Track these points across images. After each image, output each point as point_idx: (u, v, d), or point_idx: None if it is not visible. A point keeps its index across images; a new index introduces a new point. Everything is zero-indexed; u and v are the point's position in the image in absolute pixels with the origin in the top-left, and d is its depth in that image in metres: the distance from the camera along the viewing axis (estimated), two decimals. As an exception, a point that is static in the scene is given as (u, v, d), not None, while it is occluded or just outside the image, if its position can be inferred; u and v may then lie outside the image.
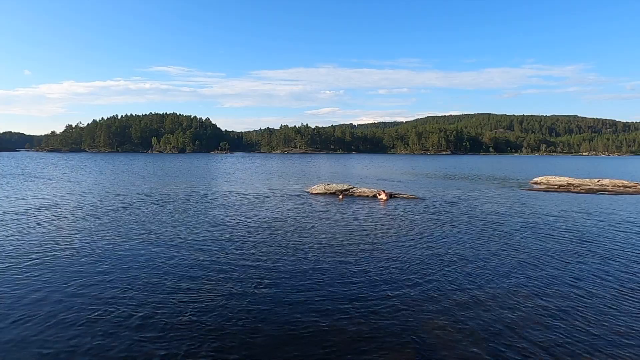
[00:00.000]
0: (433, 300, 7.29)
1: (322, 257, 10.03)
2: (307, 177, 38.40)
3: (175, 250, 10.52)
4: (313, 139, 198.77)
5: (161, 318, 6.44)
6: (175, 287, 7.83)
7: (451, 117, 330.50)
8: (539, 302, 7.28)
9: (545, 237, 12.53)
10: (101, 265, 9.19)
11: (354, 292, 7.65)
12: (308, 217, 15.76)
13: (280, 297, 7.38)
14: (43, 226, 13.41)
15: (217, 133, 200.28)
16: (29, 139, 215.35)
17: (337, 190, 22.73)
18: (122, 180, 33.14)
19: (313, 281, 8.24)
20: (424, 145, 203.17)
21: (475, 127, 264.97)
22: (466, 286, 8.04)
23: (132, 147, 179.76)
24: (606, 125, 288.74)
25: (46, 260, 9.41)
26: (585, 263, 9.67)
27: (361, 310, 6.83)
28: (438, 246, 11.22)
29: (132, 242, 11.41)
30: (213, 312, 6.70)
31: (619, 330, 6.22)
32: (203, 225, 13.96)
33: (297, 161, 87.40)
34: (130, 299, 7.18)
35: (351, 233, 12.82)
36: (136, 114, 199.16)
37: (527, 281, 8.37)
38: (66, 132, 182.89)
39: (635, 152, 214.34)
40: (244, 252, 10.35)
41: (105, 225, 13.79)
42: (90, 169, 48.86)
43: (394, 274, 8.71)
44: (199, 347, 5.59)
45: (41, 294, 7.39)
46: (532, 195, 23.69)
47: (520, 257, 10.19)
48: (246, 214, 16.43)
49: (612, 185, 27.26)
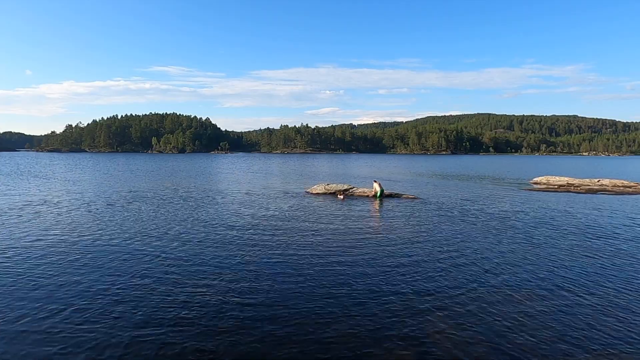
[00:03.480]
0: (434, 300, 7.28)
1: (322, 257, 10.02)
2: (307, 177, 38.38)
3: (174, 250, 10.50)
4: (313, 139, 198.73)
5: (159, 317, 6.43)
6: (174, 286, 7.82)
7: (451, 117, 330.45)
8: (539, 301, 7.28)
9: (545, 237, 12.52)
10: (101, 264, 9.19)
11: (354, 292, 7.64)
12: (307, 217, 15.75)
13: (279, 297, 7.37)
14: (42, 225, 13.40)
15: (217, 133, 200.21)
16: (29, 139, 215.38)
17: (336, 190, 22.72)
18: (123, 180, 33.11)
19: (312, 281, 8.23)
20: (424, 145, 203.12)
21: (475, 127, 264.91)
22: (467, 286, 8.03)
23: (132, 147, 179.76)
24: (606, 125, 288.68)
25: (37, 256, 9.42)
26: (586, 263, 9.66)
27: (361, 311, 6.82)
28: (438, 246, 11.21)
29: (132, 241, 11.39)
30: (211, 311, 6.69)
31: (620, 330, 6.21)
32: (202, 224, 13.95)
33: (297, 161, 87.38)
34: (128, 297, 7.18)
35: (350, 233, 12.81)
36: (136, 114, 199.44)
37: (528, 281, 8.36)
38: (66, 132, 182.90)
39: (635, 152, 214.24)
40: (243, 252, 10.34)
41: (105, 225, 13.77)
42: (90, 169, 48.84)
43: (394, 274, 8.70)
44: (198, 347, 5.58)
45: (34, 289, 7.39)
46: (532, 196, 23.68)
47: (520, 256, 10.19)
48: (245, 213, 16.41)
49: (612, 185, 27.24)
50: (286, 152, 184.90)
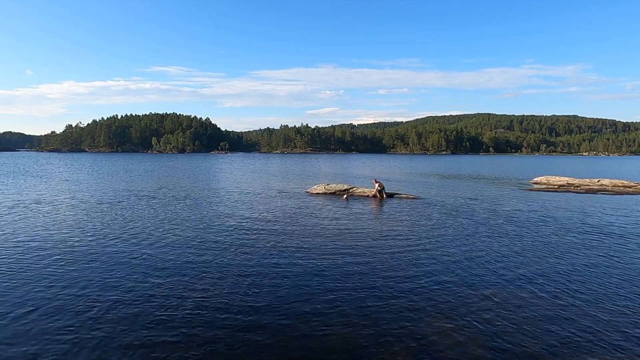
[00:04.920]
0: (434, 301, 7.27)
1: (322, 257, 10.01)
2: (307, 177, 38.38)
3: (172, 249, 10.48)
4: (313, 139, 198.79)
5: (157, 315, 6.42)
6: (172, 285, 7.81)
7: (451, 117, 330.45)
8: (540, 301, 7.26)
9: (545, 236, 12.51)
10: (99, 262, 9.19)
11: (354, 292, 7.62)
12: (307, 217, 15.74)
13: (279, 297, 7.36)
14: (40, 223, 13.39)
15: (217, 133, 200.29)
16: (29, 139, 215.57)
17: (336, 190, 22.72)
18: (123, 179, 33.11)
19: (312, 281, 8.22)
20: (424, 145, 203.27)
21: (475, 127, 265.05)
22: (467, 286, 8.02)
23: (132, 147, 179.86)
24: (606, 125, 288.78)
25: (35, 257, 9.41)
26: (586, 263, 9.65)
27: (361, 311, 6.80)
28: (438, 246, 11.20)
29: (131, 240, 11.37)
30: (212, 311, 6.68)
31: (623, 330, 6.20)
32: (201, 225, 13.94)
33: (297, 161, 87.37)
34: (125, 296, 7.17)
35: (350, 234, 12.81)
36: (136, 114, 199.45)
37: (528, 281, 8.35)
38: (66, 132, 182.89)
39: (635, 152, 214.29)
40: (242, 252, 10.33)
41: (105, 224, 13.77)
42: (90, 169, 48.84)
43: (394, 274, 8.69)
44: (196, 347, 5.58)
45: (31, 290, 7.38)
46: (532, 195, 23.68)
47: (521, 256, 10.18)
48: (244, 214, 16.41)
49: (612, 185, 27.23)
50: (286, 152, 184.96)
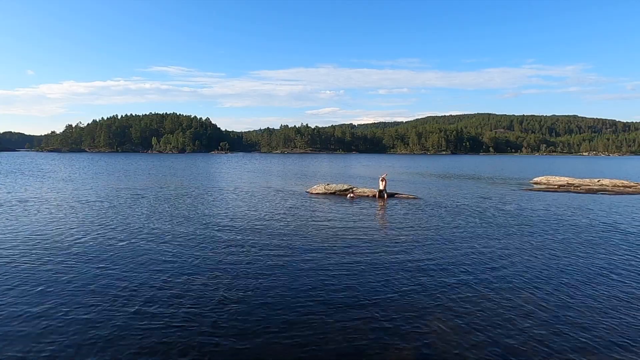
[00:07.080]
0: (435, 300, 7.28)
1: (322, 257, 10.02)
2: (307, 177, 38.40)
3: (172, 249, 10.50)
4: (313, 139, 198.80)
5: (156, 315, 6.44)
6: (171, 285, 7.82)
7: (451, 117, 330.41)
8: (540, 301, 7.28)
9: (546, 236, 12.52)
10: (99, 261, 9.20)
11: (354, 292, 7.64)
12: (307, 217, 15.75)
13: (279, 297, 7.37)
14: (38, 222, 13.40)
15: (217, 133, 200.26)
16: (29, 139, 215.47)
17: (337, 190, 22.76)
18: (123, 179, 33.12)
19: (312, 281, 8.24)
20: (424, 145, 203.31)
21: (475, 127, 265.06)
22: (467, 286, 8.03)
23: (132, 147, 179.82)
24: (606, 125, 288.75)
25: (28, 254, 9.44)
26: (587, 263, 9.66)
27: (361, 311, 6.82)
28: (438, 246, 11.21)
29: (131, 240, 11.39)
30: (211, 312, 6.70)
31: (623, 329, 6.21)
32: (202, 224, 13.95)
33: (297, 161, 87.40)
34: (125, 295, 7.19)
35: (351, 233, 12.82)
36: (136, 114, 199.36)
37: (528, 280, 8.36)
38: (66, 132, 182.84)
39: (635, 152, 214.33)
40: (242, 252, 10.34)
41: (105, 224, 13.78)
42: (90, 169, 48.84)
43: (394, 274, 8.70)
44: (195, 346, 5.59)
45: (28, 288, 7.40)
46: (532, 195, 23.69)
47: (521, 256, 10.19)
48: (244, 214, 16.42)
49: (612, 185, 27.25)
50: (286, 152, 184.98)
